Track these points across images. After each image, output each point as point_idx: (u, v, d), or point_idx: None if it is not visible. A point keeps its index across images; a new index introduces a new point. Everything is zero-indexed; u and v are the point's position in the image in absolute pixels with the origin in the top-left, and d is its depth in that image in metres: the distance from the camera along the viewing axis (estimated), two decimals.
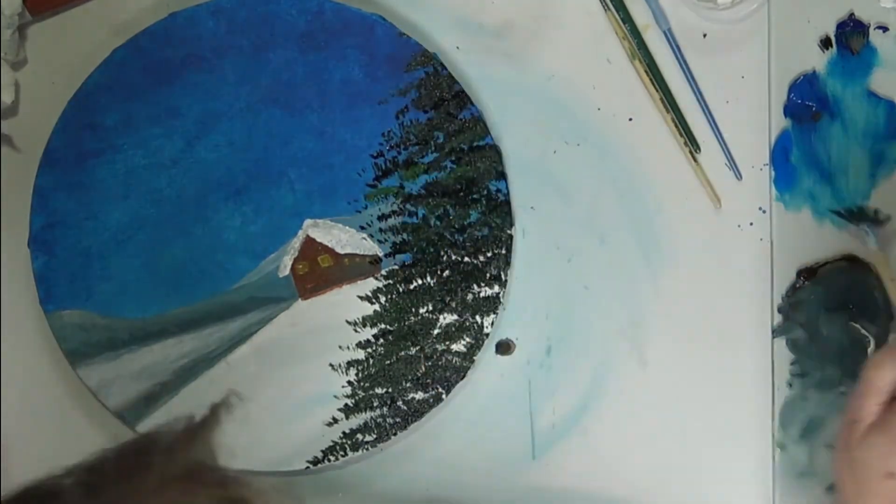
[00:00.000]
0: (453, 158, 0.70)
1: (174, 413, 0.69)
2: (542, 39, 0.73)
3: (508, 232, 0.70)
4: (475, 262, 0.70)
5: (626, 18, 0.72)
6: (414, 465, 0.72)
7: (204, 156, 0.71)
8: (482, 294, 0.70)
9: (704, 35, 0.71)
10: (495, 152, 0.70)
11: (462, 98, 0.70)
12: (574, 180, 0.72)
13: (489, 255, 0.70)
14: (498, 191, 0.70)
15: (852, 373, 0.69)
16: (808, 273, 0.70)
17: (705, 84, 0.71)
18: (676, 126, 0.71)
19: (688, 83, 0.71)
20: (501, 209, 0.70)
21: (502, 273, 0.70)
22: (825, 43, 0.70)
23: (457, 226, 0.70)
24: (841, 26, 0.70)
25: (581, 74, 0.72)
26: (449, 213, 0.70)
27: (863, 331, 0.69)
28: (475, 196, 0.70)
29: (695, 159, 0.71)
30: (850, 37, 0.70)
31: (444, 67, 0.70)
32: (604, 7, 0.72)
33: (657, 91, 0.71)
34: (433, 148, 0.70)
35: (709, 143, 0.71)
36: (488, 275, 0.70)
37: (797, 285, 0.70)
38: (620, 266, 0.72)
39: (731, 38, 0.71)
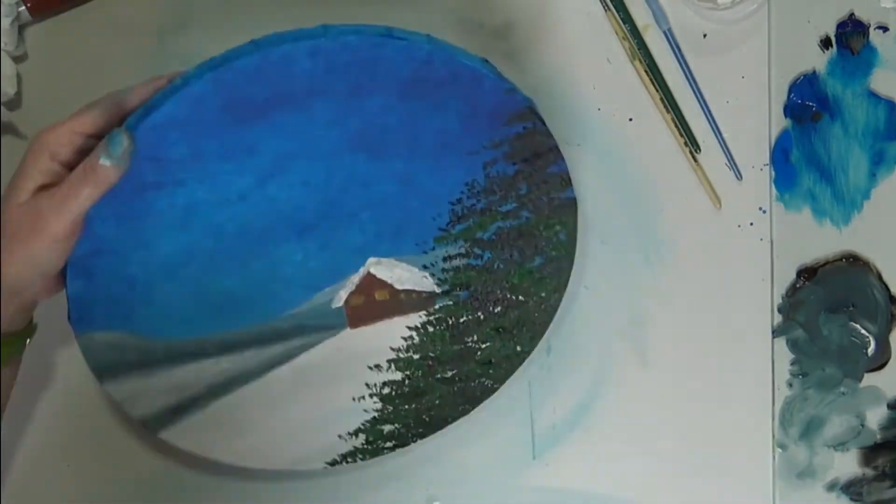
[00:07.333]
0: (530, 208, 0.67)
1: (202, 425, 0.67)
2: (542, 39, 0.73)
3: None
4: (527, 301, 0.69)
5: (626, 18, 0.72)
6: (414, 465, 0.72)
7: (275, 194, 0.65)
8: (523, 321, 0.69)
9: (704, 35, 0.71)
10: (573, 205, 0.68)
11: (553, 154, 0.66)
12: (574, 180, 0.72)
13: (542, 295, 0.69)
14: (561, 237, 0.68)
15: (853, 373, 0.70)
16: (808, 273, 0.70)
17: (705, 84, 0.71)
18: (676, 126, 0.71)
19: (688, 83, 0.71)
20: (563, 258, 0.68)
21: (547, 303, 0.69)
22: (825, 43, 0.70)
23: (521, 269, 0.68)
24: (841, 26, 0.70)
25: (581, 74, 0.72)
26: (514, 258, 0.68)
27: (863, 331, 0.70)
28: (541, 243, 0.68)
29: (695, 159, 0.71)
30: (850, 37, 0.70)
31: (543, 123, 0.66)
32: (604, 7, 0.72)
33: (657, 91, 0.71)
34: (514, 198, 0.67)
35: (709, 143, 0.71)
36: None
37: (797, 285, 0.70)
38: (620, 266, 0.72)
39: (731, 38, 0.71)
